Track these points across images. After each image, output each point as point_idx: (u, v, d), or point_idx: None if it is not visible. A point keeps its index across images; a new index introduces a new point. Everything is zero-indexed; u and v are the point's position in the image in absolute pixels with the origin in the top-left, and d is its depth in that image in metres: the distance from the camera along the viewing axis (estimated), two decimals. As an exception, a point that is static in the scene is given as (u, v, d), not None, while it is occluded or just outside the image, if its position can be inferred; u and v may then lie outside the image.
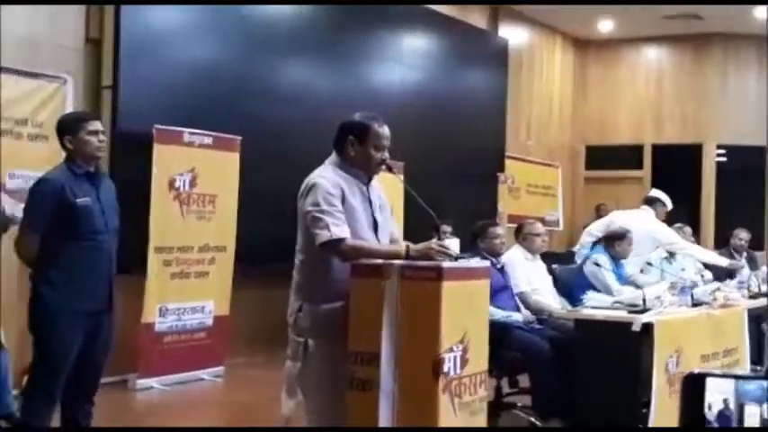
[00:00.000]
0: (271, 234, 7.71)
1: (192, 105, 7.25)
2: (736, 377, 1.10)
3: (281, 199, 7.70)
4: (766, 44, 12.52)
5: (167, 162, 6.82)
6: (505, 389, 5.82)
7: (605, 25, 12.60)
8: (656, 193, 8.18)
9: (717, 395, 1.14)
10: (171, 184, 6.86)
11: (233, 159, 7.37)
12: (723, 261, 8.14)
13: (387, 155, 3.64)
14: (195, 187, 7.04)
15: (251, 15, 7.97)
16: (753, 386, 1.10)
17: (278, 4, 8.23)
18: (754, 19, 11.68)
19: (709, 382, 1.09)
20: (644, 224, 7.59)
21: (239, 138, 7.38)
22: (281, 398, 3.63)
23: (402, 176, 3.73)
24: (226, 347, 7.42)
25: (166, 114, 6.88)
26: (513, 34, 11.64)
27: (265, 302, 7.93)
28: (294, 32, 8.35)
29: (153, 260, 6.72)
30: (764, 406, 1.12)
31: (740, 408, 1.12)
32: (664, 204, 7.97)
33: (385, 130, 3.63)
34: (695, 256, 7.87)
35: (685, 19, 11.94)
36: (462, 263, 3.54)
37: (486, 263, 4.00)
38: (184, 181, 6.96)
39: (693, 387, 1.07)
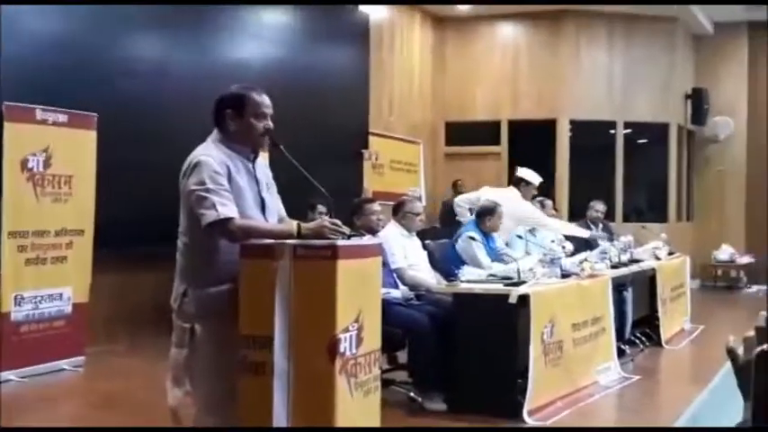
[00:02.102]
0: (131, 215, 7.43)
1: (45, 81, 6.82)
2: None
3: (142, 178, 7.48)
4: (616, 21, 13.02)
5: (19, 141, 6.39)
6: (383, 365, 5.78)
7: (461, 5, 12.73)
8: (521, 172, 8.32)
9: None
10: (23, 165, 6.44)
11: (89, 138, 6.99)
12: (584, 233, 8.43)
13: (270, 124, 3.49)
14: (50, 168, 6.64)
15: (105, -14, 7.56)
16: None
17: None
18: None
19: None
20: (509, 203, 7.70)
21: (95, 115, 7.01)
22: (165, 387, 3.44)
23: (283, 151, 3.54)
24: (86, 335, 7.07)
25: (17, 91, 6.43)
26: (374, 9, 11.58)
27: (126, 287, 7.66)
28: (151, 5, 7.98)
29: (6, 246, 6.30)
30: None
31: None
32: (528, 184, 8.12)
33: (264, 99, 3.49)
34: (560, 230, 8.07)
35: (540, -4, 12.24)
36: (355, 240, 3.45)
37: (378, 240, 3.94)
38: (38, 161, 6.55)
39: (763, 365, 1.00)
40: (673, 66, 13.66)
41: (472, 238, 6.65)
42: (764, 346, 1.00)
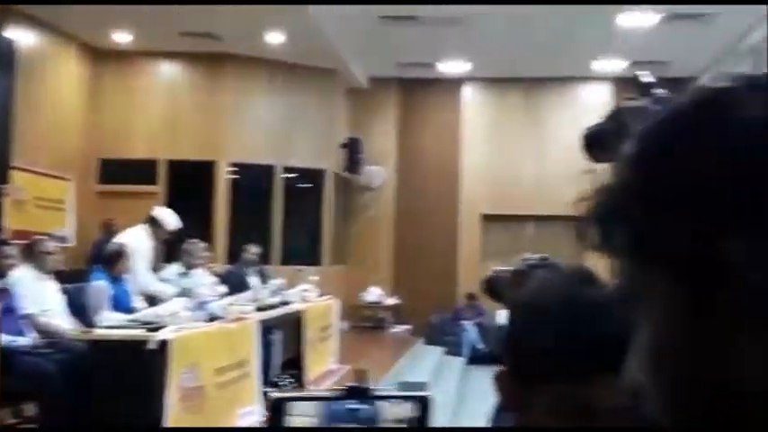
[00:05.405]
0: None
1: None
2: (321, 398, 1.05)
3: None
4: (277, 68, 13.35)
5: None
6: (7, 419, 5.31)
7: (122, 37, 12.35)
8: (156, 212, 7.98)
9: (304, 418, 1.07)
10: None
11: None
12: (167, 292, 7.50)
13: None
14: None
15: None
16: (337, 406, 1.06)
17: None
18: (266, 43, 12.35)
19: (295, 405, 1.02)
20: (132, 242, 7.27)
21: None
22: None
23: None
24: None
25: None
26: (25, 37, 10.86)
27: None
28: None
29: None
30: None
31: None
32: (160, 225, 7.80)
33: None
34: (140, 283, 7.34)
35: (201, 37, 12.21)
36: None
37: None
38: None
39: (276, 410, 0.99)
40: (330, 115, 14.27)
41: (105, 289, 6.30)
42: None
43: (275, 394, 0.99)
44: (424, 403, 1.05)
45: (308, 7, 10.78)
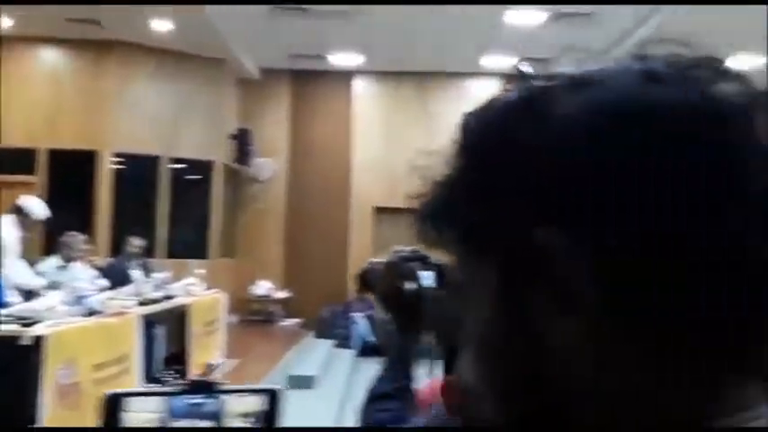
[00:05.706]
0: None
1: None
2: (163, 394, 1.00)
3: None
4: (164, 56, 13.05)
5: None
6: None
7: (1, 21, 11.85)
8: (22, 200, 7.62)
9: (148, 414, 1.01)
10: None
11: None
12: (36, 284, 7.36)
13: None
14: None
15: None
16: (181, 402, 1.01)
17: None
18: (152, 31, 12.05)
19: (133, 401, 0.97)
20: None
21: None
22: None
23: None
24: None
25: None
26: None
27: None
28: None
29: None
30: (201, 421, 1.04)
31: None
32: (27, 215, 7.42)
33: None
34: (9, 275, 6.90)
35: (86, 24, 11.81)
36: None
37: None
38: None
39: (110, 408, 0.94)
40: (219, 106, 14.03)
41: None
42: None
43: (109, 391, 0.94)
44: (273, 397, 1.01)
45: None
